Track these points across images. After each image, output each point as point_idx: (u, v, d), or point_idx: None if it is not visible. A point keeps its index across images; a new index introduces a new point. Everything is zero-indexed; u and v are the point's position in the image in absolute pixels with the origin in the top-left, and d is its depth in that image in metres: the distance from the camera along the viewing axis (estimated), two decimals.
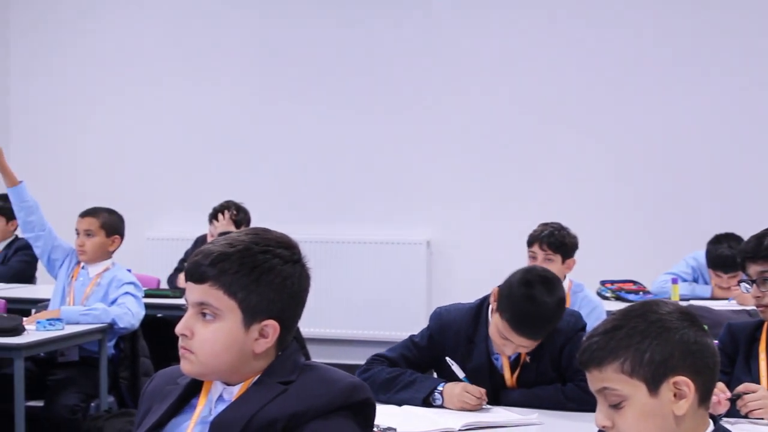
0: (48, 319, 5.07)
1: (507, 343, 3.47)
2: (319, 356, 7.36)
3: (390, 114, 8.27)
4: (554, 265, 5.22)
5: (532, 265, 3.59)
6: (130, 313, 5.33)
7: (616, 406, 1.95)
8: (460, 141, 8.11)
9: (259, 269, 2.09)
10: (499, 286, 3.52)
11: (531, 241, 5.41)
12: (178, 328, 2.12)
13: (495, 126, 8.04)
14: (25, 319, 5.10)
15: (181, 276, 6.63)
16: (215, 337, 2.09)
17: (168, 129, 8.80)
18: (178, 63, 8.78)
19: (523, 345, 3.47)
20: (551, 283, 3.46)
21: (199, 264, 2.11)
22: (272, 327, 2.10)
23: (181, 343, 2.12)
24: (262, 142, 8.53)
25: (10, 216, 6.79)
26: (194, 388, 2.19)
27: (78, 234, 5.49)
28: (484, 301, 3.64)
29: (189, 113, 8.74)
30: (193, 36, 8.74)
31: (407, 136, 8.22)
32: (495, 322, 3.48)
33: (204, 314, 2.10)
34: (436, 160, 8.16)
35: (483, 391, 3.44)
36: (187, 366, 2.12)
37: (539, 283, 3.43)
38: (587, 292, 5.50)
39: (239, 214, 6.85)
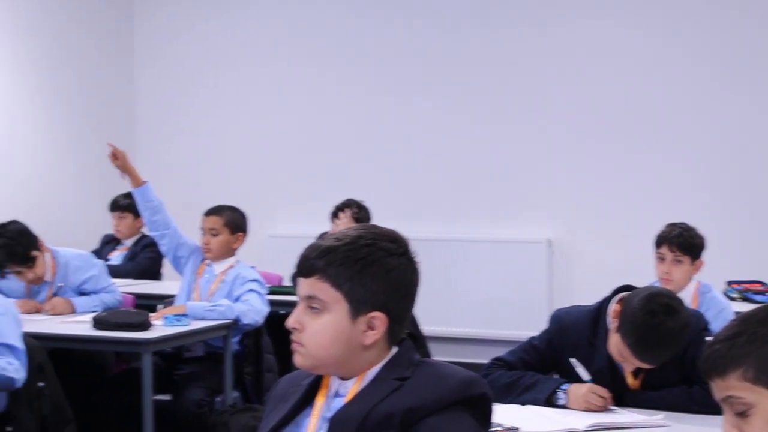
0: (175, 315, 5.18)
1: (627, 363, 3.42)
2: (439, 355, 7.36)
3: (511, 112, 8.23)
4: (683, 267, 5.11)
5: (655, 291, 3.40)
6: (254, 310, 5.40)
7: (742, 414, 1.89)
8: (581, 139, 8.03)
9: (364, 261, 2.12)
10: (621, 306, 3.41)
11: (659, 242, 5.25)
12: (289, 322, 2.16)
13: (617, 124, 7.95)
14: (151, 314, 5.21)
15: None
16: (323, 329, 2.12)
17: (292, 127, 8.90)
18: (301, 62, 8.88)
19: (644, 366, 3.41)
20: (676, 310, 3.32)
21: (306, 258, 2.16)
22: (379, 319, 2.13)
23: (292, 336, 2.16)
24: (385, 141, 8.57)
25: (137, 213, 6.95)
26: (316, 387, 2.23)
27: (203, 232, 5.59)
28: (603, 303, 3.58)
29: (312, 111, 8.84)
30: (313, 36, 8.82)
31: (529, 134, 8.17)
32: (615, 343, 3.40)
33: (312, 308, 2.14)
34: (557, 158, 8.09)
35: (608, 392, 3.40)
36: (299, 359, 2.17)
37: (663, 313, 3.29)
38: (715, 293, 5.38)
39: (360, 212, 6.89)
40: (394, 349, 2.19)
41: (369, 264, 2.12)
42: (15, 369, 4.24)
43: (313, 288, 2.13)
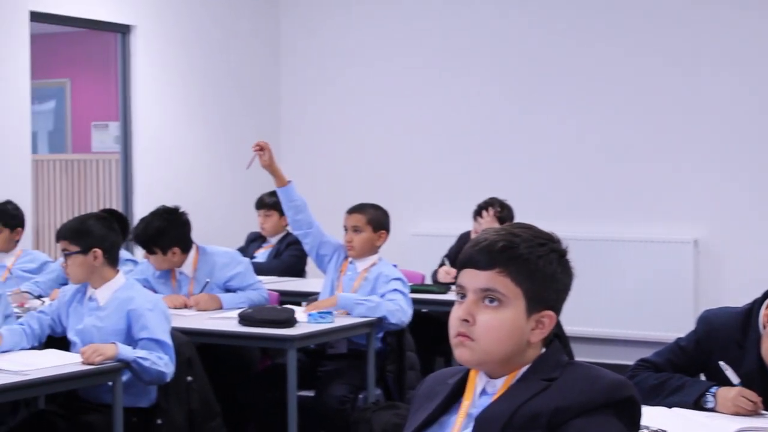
0: (319, 312, 5.24)
1: None
2: (582, 355, 7.28)
3: (659, 113, 8.10)
4: None
5: None
6: (401, 310, 5.42)
7: None
8: (730, 139, 7.85)
9: (542, 260, 2.14)
10: None
11: None
12: (460, 314, 2.15)
13: (762, 120, 7.76)
14: (297, 310, 5.28)
15: (441, 271, 6.72)
16: (500, 323, 2.12)
17: (435, 126, 8.92)
18: (442, 61, 8.89)
19: None
20: None
21: (485, 250, 2.15)
22: (549, 318, 2.15)
23: (460, 329, 2.15)
24: (529, 140, 8.53)
25: (283, 211, 7.06)
26: (462, 385, 2.23)
27: (346, 230, 5.64)
28: (754, 305, 3.49)
29: (455, 110, 8.84)
30: (458, 35, 8.82)
31: (677, 134, 8.03)
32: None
33: (488, 300, 2.13)
34: (703, 156, 7.93)
35: (758, 396, 3.31)
36: (466, 353, 2.15)
37: None
38: None
39: (503, 211, 6.85)
40: (542, 350, 2.19)
41: (547, 263, 2.14)
42: (165, 363, 4.35)
43: (492, 281, 2.13)
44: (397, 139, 9.06)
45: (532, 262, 2.13)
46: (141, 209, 8.18)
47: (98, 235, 4.47)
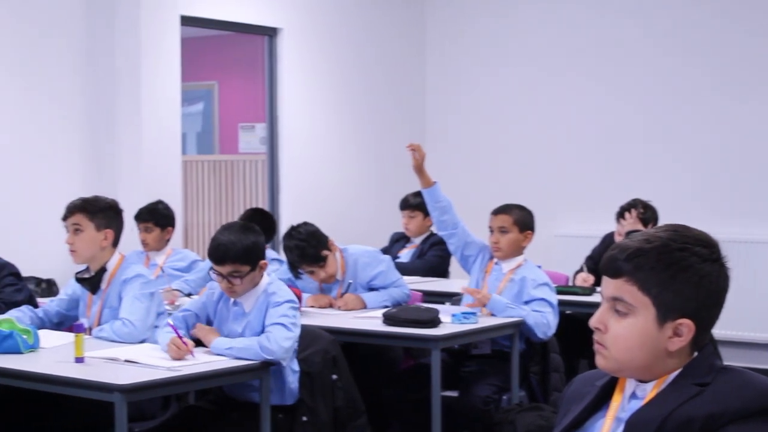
0: (463, 312, 5.24)
1: None
2: (731, 359, 7.12)
3: None
4: None
5: None
6: (547, 324, 5.39)
7: None
8: None
9: (676, 266, 2.05)
10: None
11: None
12: (592, 322, 2.13)
13: None
14: (440, 311, 5.30)
15: (579, 277, 6.65)
16: (628, 333, 2.08)
17: (577, 126, 8.85)
18: (588, 63, 8.80)
19: None
20: None
21: (614, 258, 2.10)
22: (687, 326, 2.07)
23: (595, 337, 2.13)
24: (673, 140, 8.38)
25: (427, 212, 7.08)
26: (610, 388, 2.20)
27: (492, 231, 5.62)
28: None
29: (598, 111, 8.75)
30: (601, 38, 8.73)
31: None
32: None
33: (617, 310, 2.10)
34: None
35: None
36: (602, 361, 2.13)
37: None
38: None
39: (646, 213, 6.75)
40: (694, 354, 2.13)
41: (681, 270, 2.05)
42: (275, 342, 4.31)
43: (619, 290, 2.09)
44: (541, 139, 9.01)
45: (661, 270, 2.05)
46: (287, 209, 8.33)
47: (261, 249, 4.50)
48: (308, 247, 5.67)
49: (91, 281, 4.87)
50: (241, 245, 4.38)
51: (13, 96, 7.10)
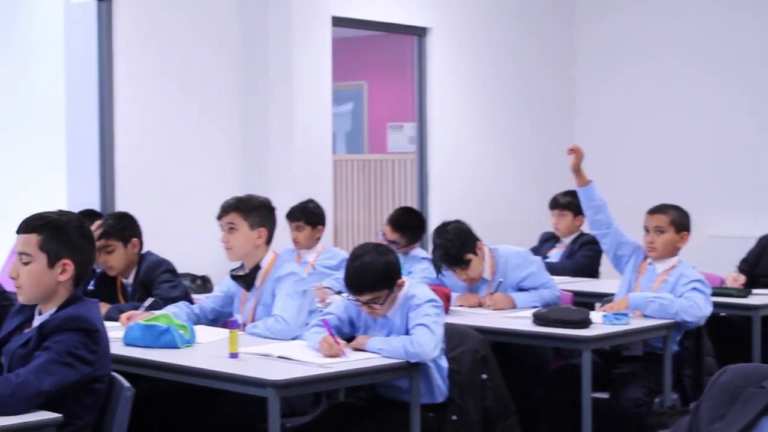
0: (614, 313, 5.17)
1: None
2: None
3: None
4: None
5: None
6: (696, 307, 5.27)
7: None
8: None
9: None
10: None
11: None
12: None
13: None
14: (592, 312, 5.24)
15: (729, 277, 6.47)
16: None
17: (732, 127, 8.65)
18: (747, 58, 8.61)
19: None
20: None
21: None
22: None
23: None
24: None
25: (577, 211, 7.02)
26: None
27: (647, 231, 5.53)
28: None
29: (754, 111, 8.54)
30: (758, 31, 8.52)
31: None
32: None
33: None
34: None
35: None
36: None
37: None
38: None
39: None
40: None
41: None
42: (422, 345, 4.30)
43: None
44: (695, 139, 8.84)
45: None
46: (436, 208, 8.36)
47: (396, 269, 4.48)
48: (452, 248, 5.66)
49: (246, 279, 4.96)
50: (375, 273, 4.35)
51: (171, 98, 7.30)
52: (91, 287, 5.48)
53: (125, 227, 5.48)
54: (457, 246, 5.65)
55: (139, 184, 7.19)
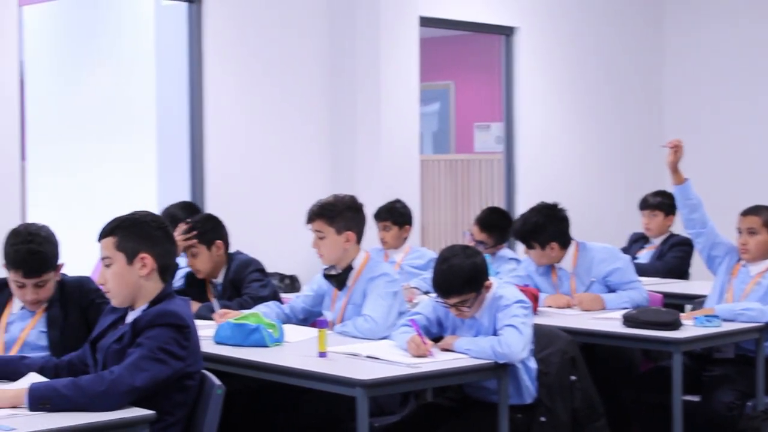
0: (705, 316, 5.11)
1: None
2: None
3: None
4: None
5: None
6: None
7: None
8: None
9: None
10: None
11: None
12: None
13: None
14: (681, 314, 5.17)
15: None
16: None
17: None
18: None
19: None
20: None
21: None
22: None
23: None
24: None
25: (667, 212, 6.93)
26: None
27: (740, 232, 5.44)
28: None
29: None
30: None
31: None
32: None
33: None
34: None
35: None
36: None
37: None
38: None
39: None
40: None
41: None
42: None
43: None
44: None
45: None
46: (524, 208, 8.28)
47: (483, 270, 4.46)
48: (549, 225, 5.72)
49: (338, 278, 4.98)
50: (462, 276, 4.34)
51: (259, 99, 7.37)
52: (181, 286, 5.55)
53: (208, 230, 5.49)
54: (539, 224, 5.66)
55: (229, 185, 7.27)
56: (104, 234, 3.64)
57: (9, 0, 6.34)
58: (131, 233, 3.59)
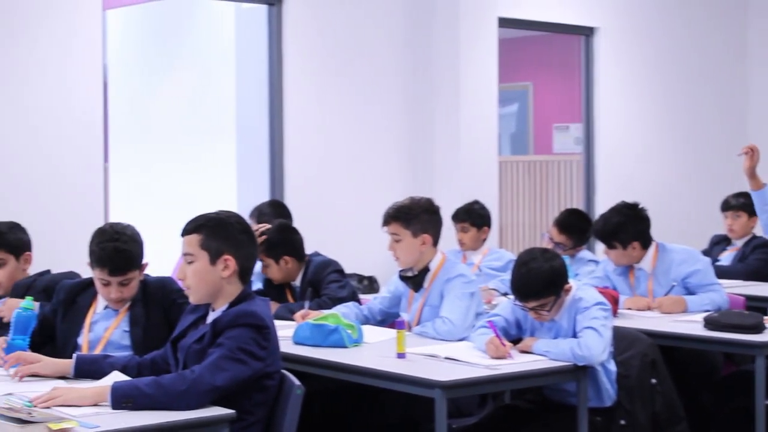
0: None
1: None
2: None
3: None
4: None
5: None
6: None
7: None
8: None
9: None
10: None
11: None
12: None
13: None
14: (765, 317, 5.09)
15: None
16: None
17: None
18: None
19: None
20: None
21: None
22: None
23: None
24: None
25: (751, 213, 6.85)
26: None
27: None
28: None
29: None
30: None
31: None
32: None
33: None
34: None
35: None
36: None
37: None
38: None
39: None
40: None
41: None
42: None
43: None
44: None
45: None
46: (602, 210, 8.21)
47: (562, 274, 4.44)
48: (629, 225, 5.66)
49: (415, 280, 4.99)
50: (541, 280, 4.32)
51: (338, 100, 7.41)
52: (260, 287, 5.59)
53: (276, 244, 5.50)
54: (621, 223, 5.61)
55: (308, 186, 7.32)
56: (189, 230, 3.66)
57: (93, 4, 6.44)
58: (216, 233, 3.62)
